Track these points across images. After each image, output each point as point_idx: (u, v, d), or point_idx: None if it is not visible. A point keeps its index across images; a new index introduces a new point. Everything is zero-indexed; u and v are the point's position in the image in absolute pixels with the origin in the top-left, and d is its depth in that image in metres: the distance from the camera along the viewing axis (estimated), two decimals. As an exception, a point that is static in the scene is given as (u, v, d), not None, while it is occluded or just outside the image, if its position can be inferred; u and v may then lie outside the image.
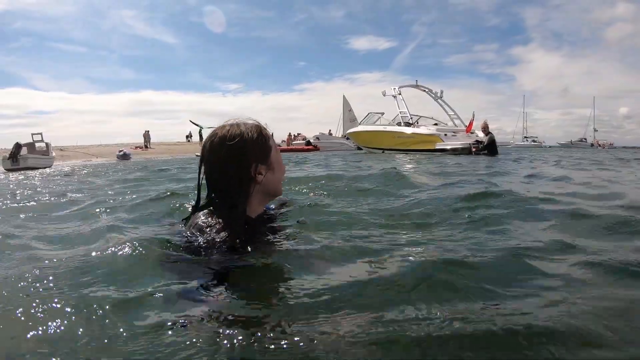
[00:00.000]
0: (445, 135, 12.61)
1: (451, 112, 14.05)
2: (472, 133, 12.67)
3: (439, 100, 14.22)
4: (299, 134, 28.54)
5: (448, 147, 11.92)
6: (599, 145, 53.72)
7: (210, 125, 29.41)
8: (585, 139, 58.65)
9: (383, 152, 13.56)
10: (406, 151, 12.71)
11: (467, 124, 13.14)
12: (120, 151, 18.38)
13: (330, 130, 28.36)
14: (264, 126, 1.24)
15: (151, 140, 26.98)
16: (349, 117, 20.44)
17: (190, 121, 30.52)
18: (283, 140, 29.29)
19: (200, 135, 29.06)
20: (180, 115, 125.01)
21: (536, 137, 59.71)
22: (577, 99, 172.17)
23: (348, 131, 16.69)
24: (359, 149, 16.08)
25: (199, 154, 1.27)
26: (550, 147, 54.26)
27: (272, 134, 1.28)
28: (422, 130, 13.02)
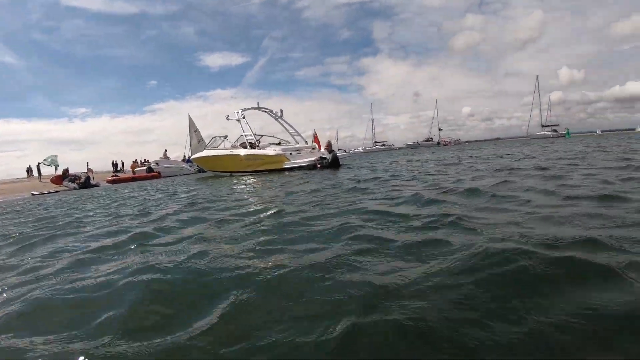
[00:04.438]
0: (291, 154, 12.86)
1: (292, 130, 14.46)
2: (314, 149, 13.29)
3: (279, 119, 14.50)
4: (145, 160, 25.68)
5: (296, 166, 12.19)
6: (444, 144, 57.36)
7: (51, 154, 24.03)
8: (432, 138, 61.48)
9: (231, 175, 13.01)
10: (255, 172, 12.48)
11: (307, 139, 13.74)
12: None
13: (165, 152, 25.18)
14: None
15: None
16: (195, 137, 19.26)
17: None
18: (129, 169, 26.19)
19: (39, 170, 24.54)
20: (25, 146, 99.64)
21: (385, 141, 65.51)
22: (424, 102, 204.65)
23: (193, 157, 15.56)
24: (201, 171, 15.18)
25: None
26: (399, 148, 61.89)
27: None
28: (268, 151, 12.99)
